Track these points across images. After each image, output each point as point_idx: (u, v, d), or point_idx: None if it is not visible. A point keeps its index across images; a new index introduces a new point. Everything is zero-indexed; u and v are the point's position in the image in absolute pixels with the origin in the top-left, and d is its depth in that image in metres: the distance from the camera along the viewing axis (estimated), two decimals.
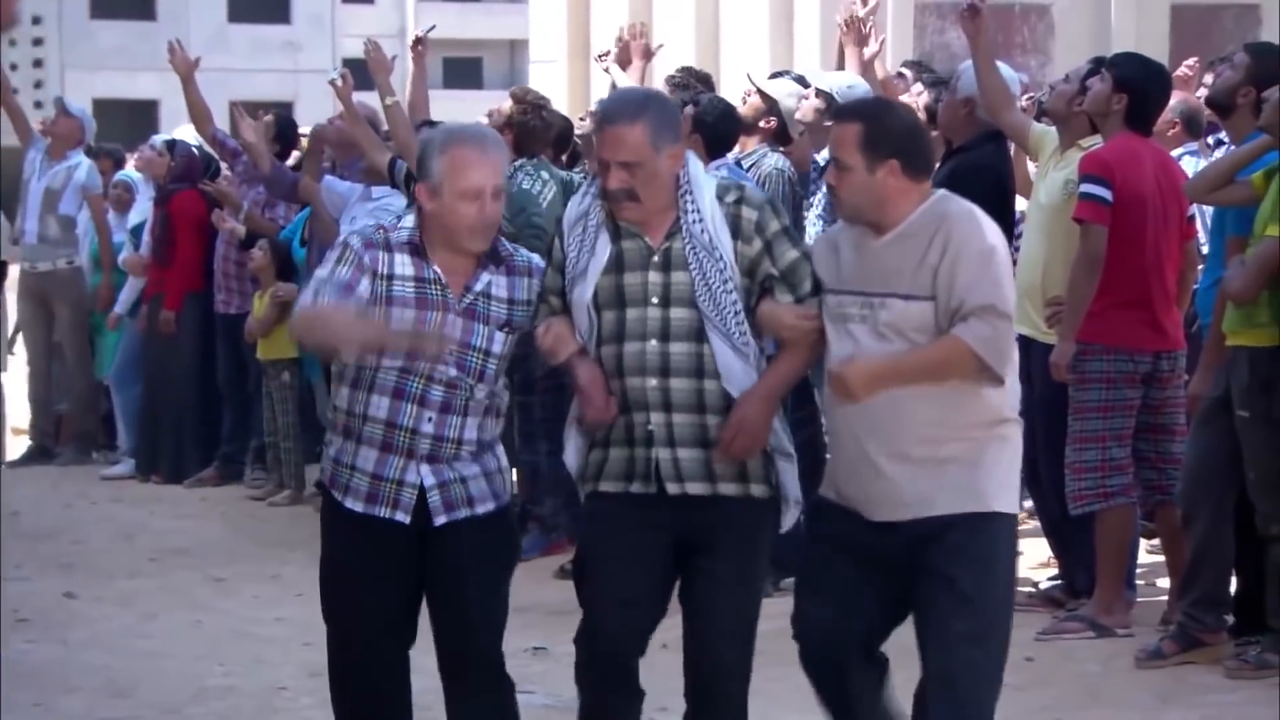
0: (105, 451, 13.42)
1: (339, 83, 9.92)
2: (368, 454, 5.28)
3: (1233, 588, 7.36)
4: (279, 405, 11.51)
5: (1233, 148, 7.54)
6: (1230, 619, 7.29)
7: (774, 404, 5.18)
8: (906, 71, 10.18)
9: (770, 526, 5.26)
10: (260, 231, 11.76)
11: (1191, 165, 8.52)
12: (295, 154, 12.35)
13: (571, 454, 5.34)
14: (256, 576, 9.43)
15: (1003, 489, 5.09)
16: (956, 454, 5.01)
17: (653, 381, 5.12)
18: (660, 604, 5.24)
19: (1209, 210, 7.89)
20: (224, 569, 9.64)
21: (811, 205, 8.54)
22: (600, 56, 10.52)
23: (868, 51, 9.15)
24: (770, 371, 5.20)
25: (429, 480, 5.25)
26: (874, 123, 5.08)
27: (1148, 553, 8.64)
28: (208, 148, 12.45)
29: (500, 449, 5.42)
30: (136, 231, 13.08)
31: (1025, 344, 7.99)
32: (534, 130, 9.45)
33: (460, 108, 22.51)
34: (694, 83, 9.59)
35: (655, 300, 5.13)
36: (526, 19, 24.94)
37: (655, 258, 5.15)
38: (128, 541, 10.55)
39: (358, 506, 5.30)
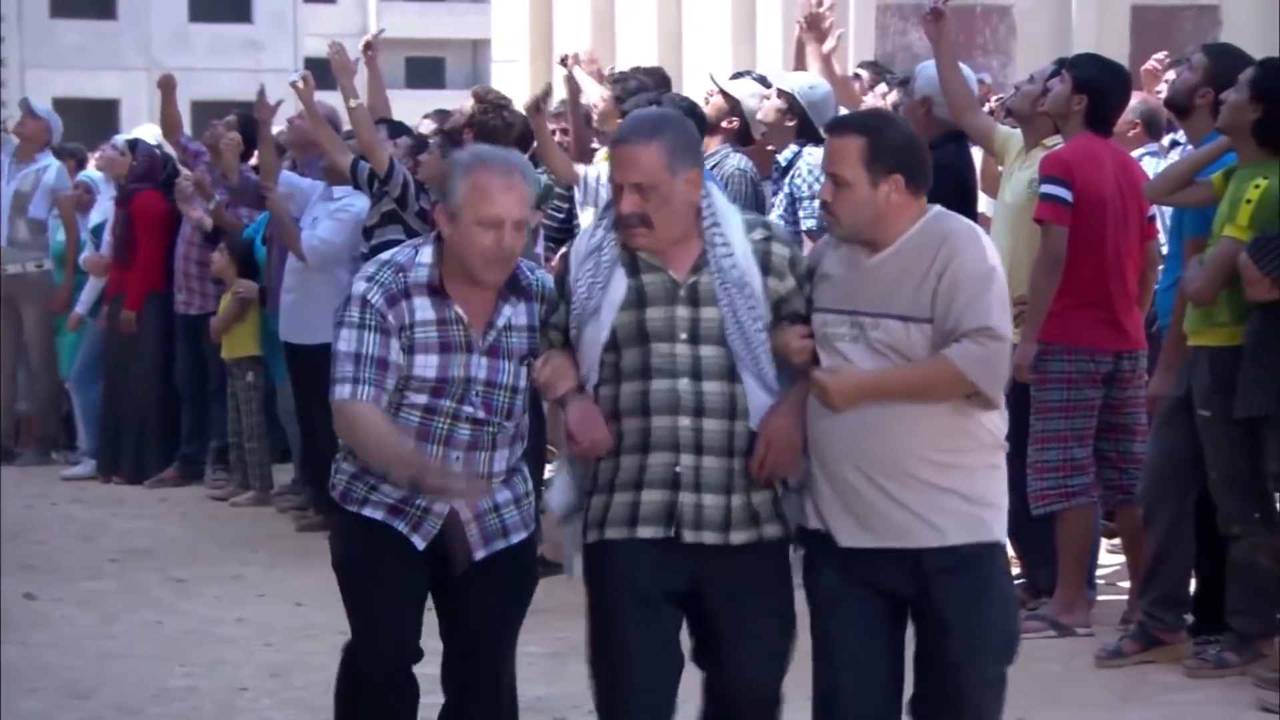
0: (65, 452, 13.38)
1: (300, 85, 9.91)
2: (391, 491, 5.10)
3: (1192, 587, 7.38)
4: (244, 405, 11.48)
5: (1190, 149, 7.57)
6: (1190, 618, 7.32)
7: (802, 419, 4.93)
8: (863, 72, 10.20)
9: (786, 566, 5.05)
10: (226, 228, 11.74)
11: (1152, 166, 8.55)
12: (255, 155, 12.34)
13: (560, 493, 5.09)
14: (217, 577, 9.40)
15: (1000, 517, 5.01)
16: (957, 481, 4.88)
17: (685, 421, 4.88)
18: (679, 658, 5.01)
19: (1169, 211, 7.92)
20: (185, 570, 9.61)
21: (773, 206, 8.55)
22: (564, 59, 10.52)
23: (826, 47, 9.13)
24: (798, 389, 4.94)
25: (465, 514, 5.10)
26: (876, 136, 4.88)
27: (1108, 552, 8.67)
28: (168, 147, 12.44)
29: (526, 470, 5.28)
30: (97, 231, 13.06)
31: None
32: (495, 130, 9.43)
33: (422, 108, 22.45)
34: (644, 81, 9.58)
35: (684, 336, 4.89)
36: (489, 19, 24.90)
37: (682, 292, 4.91)
38: (88, 542, 10.51)
39: (377, 515, 5.12)
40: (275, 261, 10.87)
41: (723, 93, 8.97)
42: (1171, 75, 9.21)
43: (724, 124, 8.84)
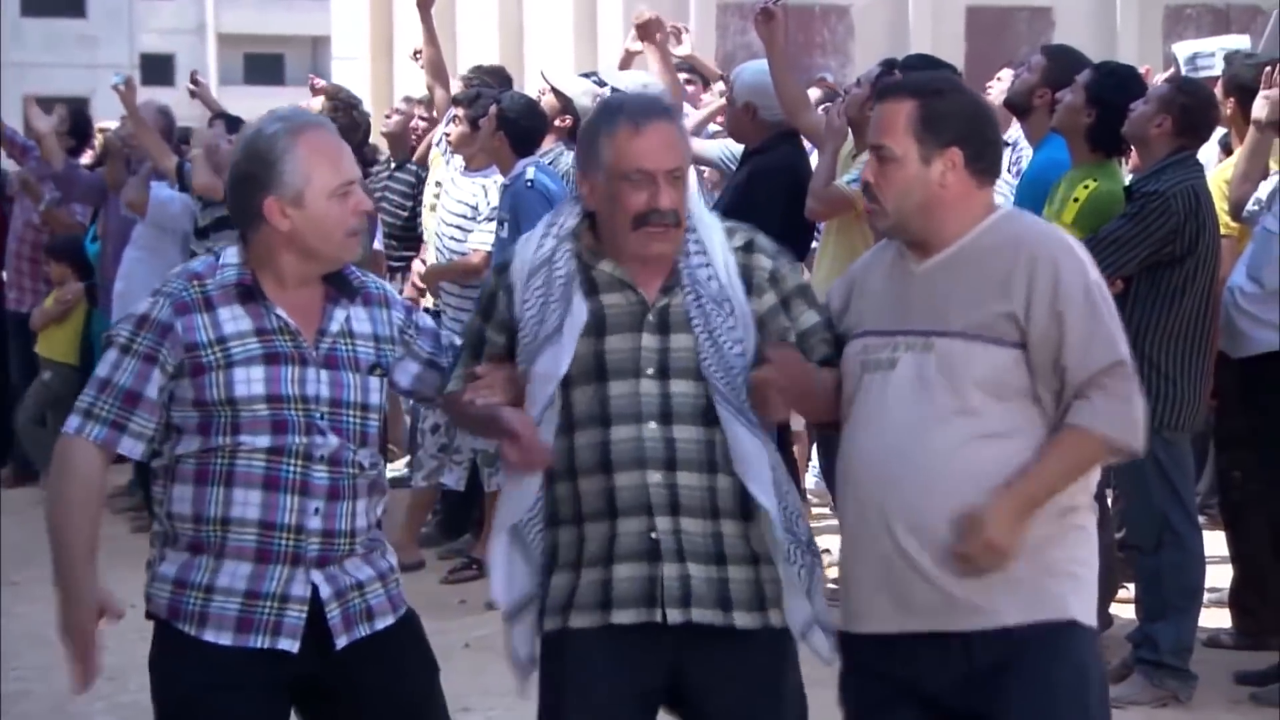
0: None
1: (123, 88, 9.85)
2: (234, 569, 4.03)
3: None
4: (26, 397, 11.48)
5: (1026, 148, 7.67)
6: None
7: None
8: (688, 75, 10.28)
9: (794, 659, 4.12)
10: (61, 227, 11.63)
11: None
12: (90, 151, 12.22)
13: (503, 575, 4.10)
14: (47, 580, 9.22)
15: (1082, 590, 3.99)
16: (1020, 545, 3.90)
17: (656, 476, 3.95)
18: None
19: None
20: (19, 572, 9.47)
21: None
22: (415, 53, 10.57)
23: (682, 50, 9.23)
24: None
25: (325, 590, 4.06)
26: (932, 100, 4.00)
27: None
28: None
29: (386, 541, 4.25)
30: None
31: None
32: (344, 129, 9.39)
33: (262, 105, 22.30)
34: (487, 80, 9.62)
35: (650, 371, 3.98)
36: (329, 15, 24.75)
37: (650, 316, 4.01)
38: None
39: (223, 639, 4.04)
40: (109, 258, 10.77)
41: (555, 91, 9.02)
42: (1005, 73, 9.35)
43: (557, 122, 8.88)
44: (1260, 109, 7.03)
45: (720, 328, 3.97)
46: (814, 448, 9.52)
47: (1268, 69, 7.16)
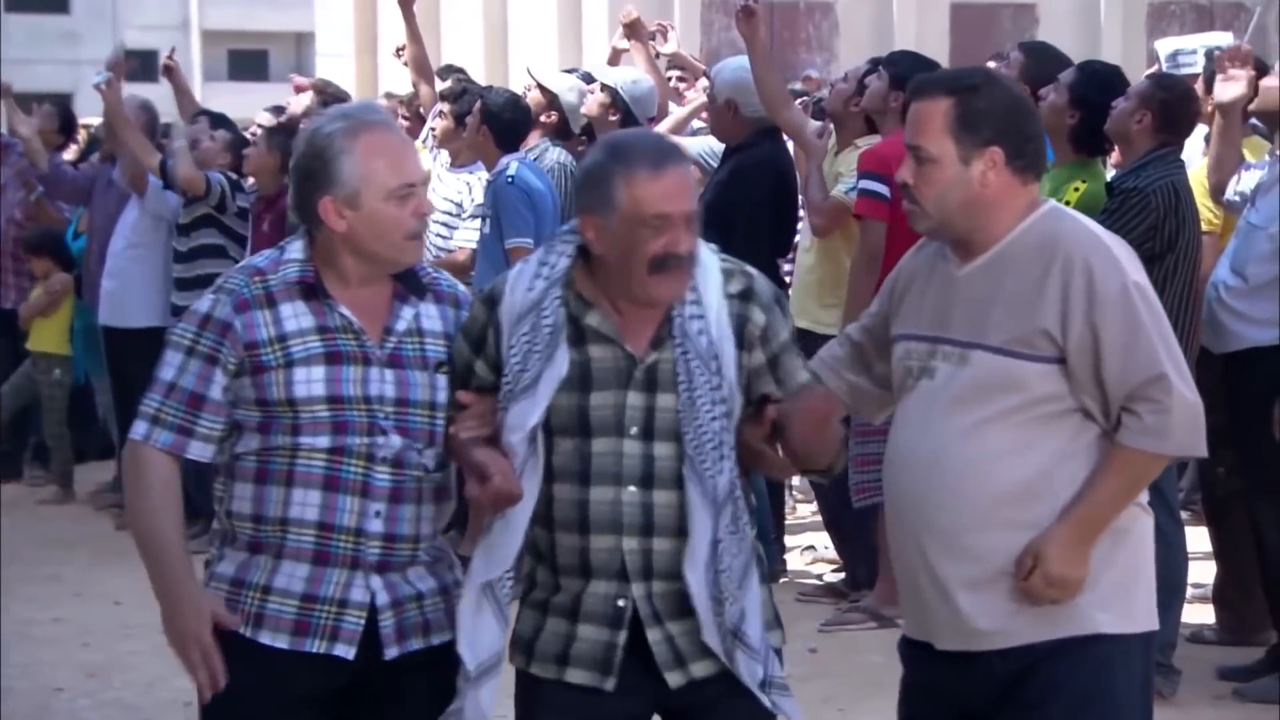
0: None
1: (104, 87, 9.83)
2: (293, 570, 3.91)
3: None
4: (46, 402, 11.40)
5: None
6: None
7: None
8: (677, 72, 10.29)
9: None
10: (48, 222, 11.63)
11: None
12: (75, 147, 12.20)
13: (468, 622, 3.92)
14: (34, 577, 9.26)
15: (1116, 600, 3.87)
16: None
17: (632, 543, 3.85)
18: None
19: None
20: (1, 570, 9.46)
21: None
22: (398, 50, 10.57)
23: (667, 48, 9.26)
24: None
25: (382, 598, 3.93)
26: (968, 97, 3.87)
27: None
28: None
29: (453, 554, 4.13)
30: None
31: (805, 337, 8.09)
32: None
33: (246, 101, 22.26)
34: (466, 82, 9.65)
35: (634, 431, 3.85)
36: (313, 12, 24.73)
37: (638, 373, 3.86)
38: None
39: (279, 642, 3.91)
40: (94, 252, 10.75)
41: (541, 87, 9.03)
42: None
43: (543, 118, 8.88)
44: (1221, 92, 7.01)
45: (701, 387, 3.83)
46: None
47: (1217, 54, 7.15)
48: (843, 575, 8.29)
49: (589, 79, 9.15)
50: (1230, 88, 6.92)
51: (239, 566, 3.95)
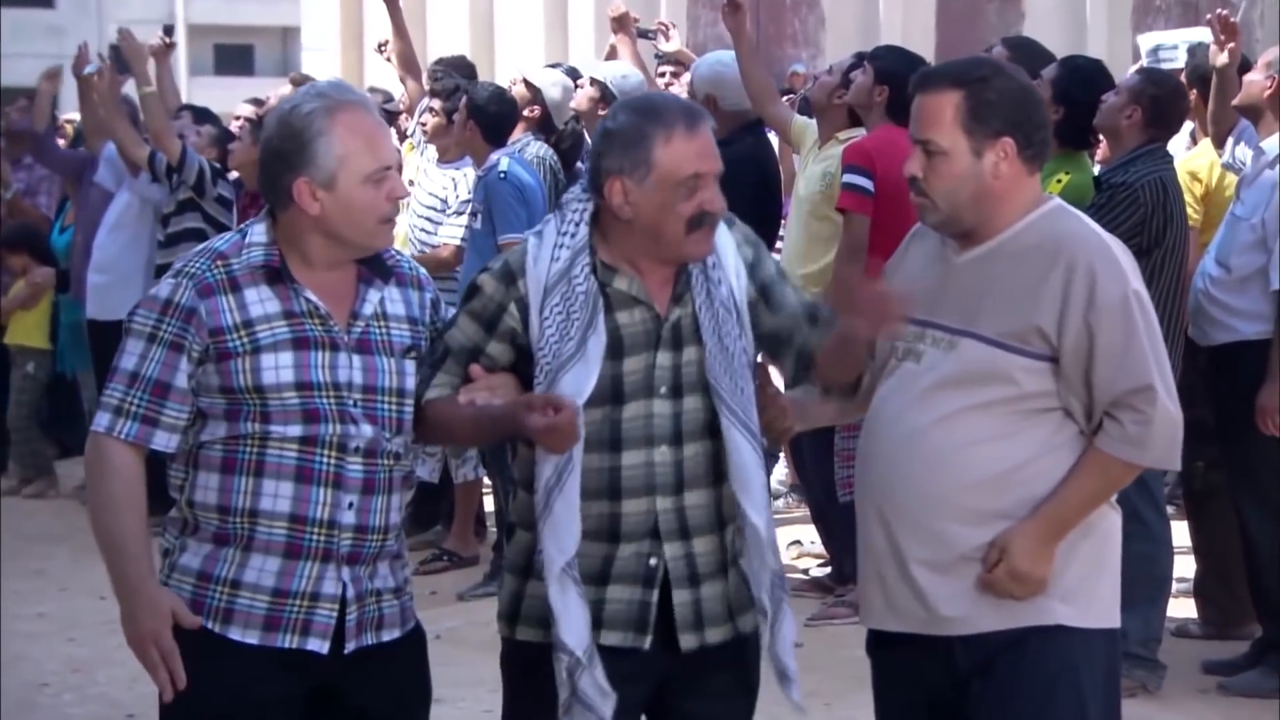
0: None
1: (96, 78, 9.84)
2: (262, 564, 3.82)
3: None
4: (16, 395, 11.41)
5: None
6: None
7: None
8: (666, 68, 10.31)
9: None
10: (26, 217, 11.62)
11: None
12: (61, 141, 12.20)
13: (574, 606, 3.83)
14: (19, 572, 9.26)
15: (1079, 593, 3.87)
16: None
17: (666, 503, 3.86)
18: None
19: None
20: None
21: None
22: (381, 45, 10.58)
23: (669, 46, 9.31)
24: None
25: (350, 591, 3.85)
26: (979, 89, 3.84)
27: None
28: None
29: (404, 548, 4.03)
30: None
31: None
32: None
33: (232, 95, 22.22)
34: (454, 72, 9.66)
35: (663, 390, 3.85)
36: (298, 6, 24.68)
37: (665, 331, 3.87)
38: None
39: (249, 637, 3.81)
40: (80, 248, 10.75)
41: (526, 82, 9.05)
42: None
43: (526, 112, 8.90)
44: (1216, 57, 7.27)
45: (730, 335, 3.86)
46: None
47: (1209, 19, 7.37)
48: (829, 570, 8.28)
49: (574, 74, 9.17)
50: (1224, 54, 7.15)
51: (204, 559, 3.83)
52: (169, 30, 10.69)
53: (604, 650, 3.83)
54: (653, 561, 3.85)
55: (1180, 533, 7.35)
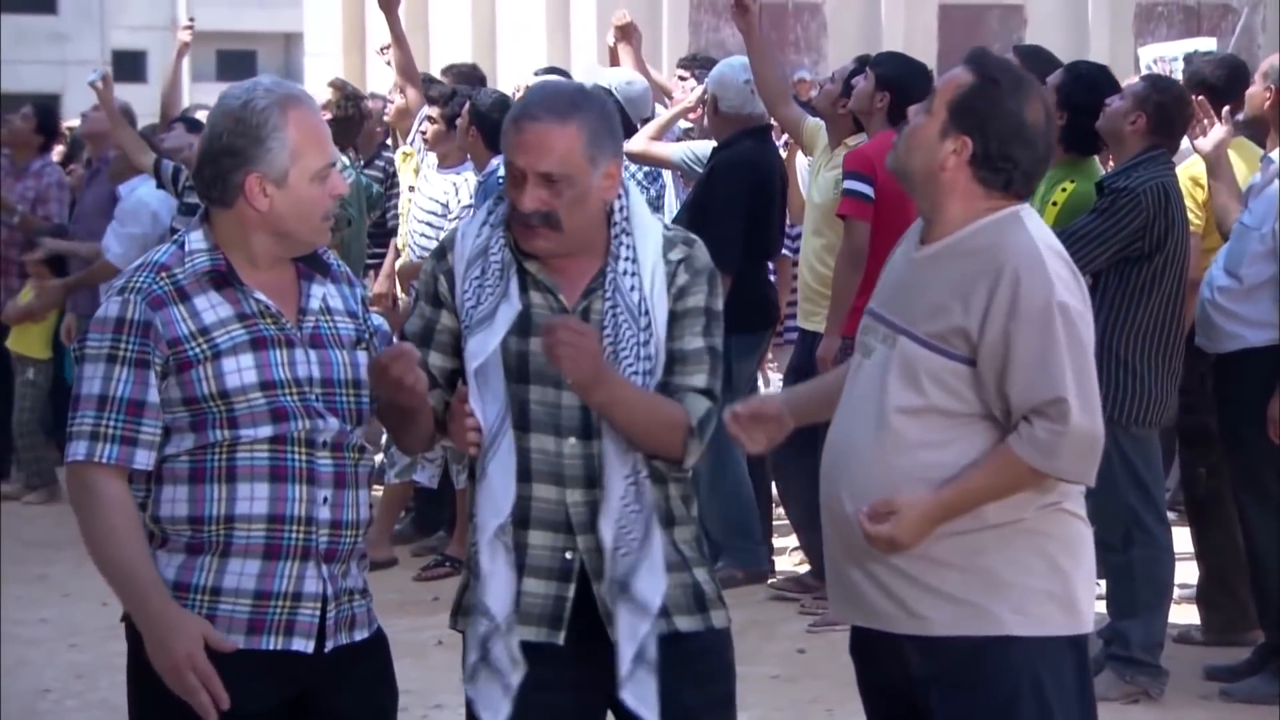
0: None
1: (99, 85, 9.86)
2: (241, 568, 3.78)
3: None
4: (19, 401, 11.41)
5: None
6: None
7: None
8: (684, 72, 10.31)
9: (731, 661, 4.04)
10: (36, 231, 11.63)
11: None
12: (59, 149, 12.20)
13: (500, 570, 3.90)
14: (21, 577, 9.25)
15: (1033, 604, 3.83)
16: (956, 547, 3.83)
17: (576, 495, 3.87)
18: None
19: None
20: None
21: None
22: (382, 49, 10.59)
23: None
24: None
25: (329, 589, 3.83)
26: (984, 86, 3.89)
27: None
28: None
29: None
30: None
31: (805, 336, 8.13)
32: (351, 121, 9.46)
33: None
34: (464, 80, 9.68)
35: (570, 381, 3.83)
36: (301, 12, 24.69)
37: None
38: None
39: (235, 639, 3.77)
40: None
41: (528, 89, 9.06)
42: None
43: None
44: (1202, 145, 6.98)
45: (626, 340, 3.84)
46: None
47: (1197, 99, 7.09)
48: (809, 568, 8.28)
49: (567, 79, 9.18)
50: (1208, 138, 6.93)
51: (179, 569, 3.77)
52: (190, 24, 10.70)
53: (524, 646, 3.85)
54: (568, 555, 3.87)
55: (1182, 539, 7.35)
